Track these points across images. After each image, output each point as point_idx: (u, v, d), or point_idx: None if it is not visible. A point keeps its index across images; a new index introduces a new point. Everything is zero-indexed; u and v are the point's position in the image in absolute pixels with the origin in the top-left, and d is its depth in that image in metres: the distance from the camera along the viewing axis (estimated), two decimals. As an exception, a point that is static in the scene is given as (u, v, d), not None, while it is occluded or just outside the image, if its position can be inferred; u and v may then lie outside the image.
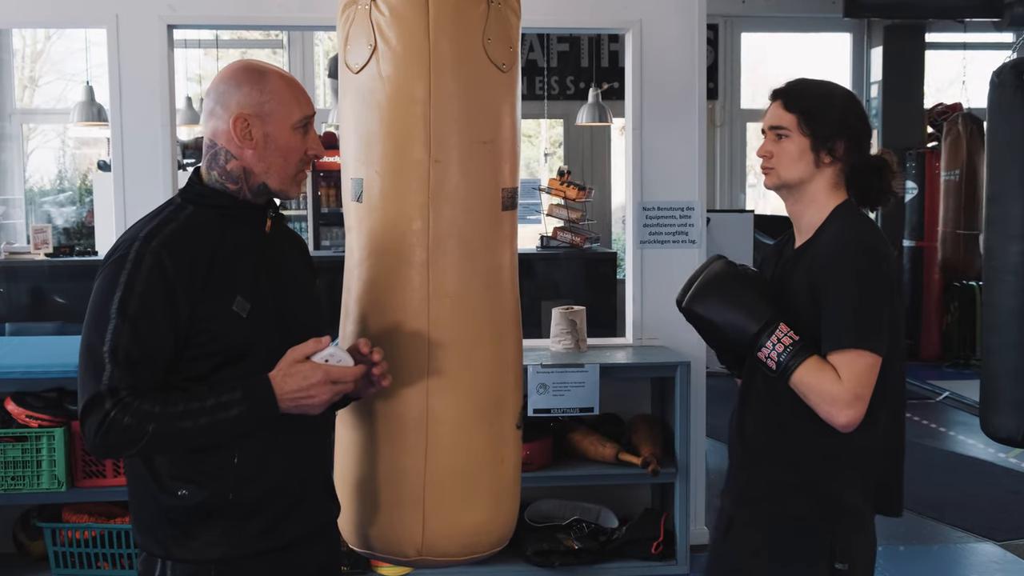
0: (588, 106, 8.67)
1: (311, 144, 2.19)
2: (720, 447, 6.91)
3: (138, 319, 1.99)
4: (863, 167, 2.40)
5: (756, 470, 2.45)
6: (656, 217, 4.96)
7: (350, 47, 2.48)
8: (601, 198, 10.17)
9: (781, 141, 2.40)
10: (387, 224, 2.45)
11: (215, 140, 2.15)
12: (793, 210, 2.46)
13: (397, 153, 2.42)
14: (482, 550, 2.56)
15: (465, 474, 2.49)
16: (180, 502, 2.09)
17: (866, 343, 2.23)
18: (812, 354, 2.25)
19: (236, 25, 6.15)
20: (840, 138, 2.37)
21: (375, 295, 2.46)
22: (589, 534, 4.73)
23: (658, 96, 4.93)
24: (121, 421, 1.95)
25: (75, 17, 4.86)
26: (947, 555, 5.00)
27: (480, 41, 2.44)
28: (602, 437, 4.69)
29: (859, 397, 2.21)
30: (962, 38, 10.15)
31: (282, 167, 2.16)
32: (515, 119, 2.58)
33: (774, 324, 2.28)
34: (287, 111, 2.14)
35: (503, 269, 2.56)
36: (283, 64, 10.72)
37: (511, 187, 2.55)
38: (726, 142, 10.68)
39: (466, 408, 2.48)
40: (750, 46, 11.00)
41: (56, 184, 11.09)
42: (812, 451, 2.35)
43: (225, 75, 2.17)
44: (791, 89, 2.43)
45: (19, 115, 10.25)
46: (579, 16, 4.88)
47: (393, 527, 2.48)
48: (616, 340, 5.17)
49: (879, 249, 2.31)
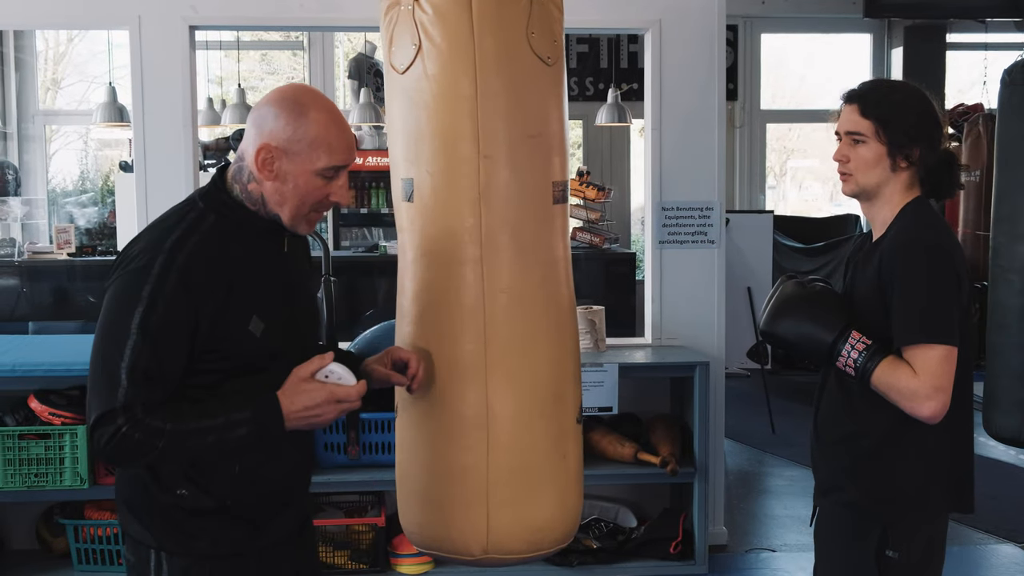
0: (607, 107, 8.67)
1: (336, 191, 2.14)
2: (739, 447, 6.91)
3: (159, 338, 1.98)
4: (935, 165, 2.44)
5: (826, 464, 2.55)
6: (675, 217, 4.96)
7: (394, 48, 2.48)
8: (620, 199, 10.17)
9: (857, 146, 2.43)
10: (439, 222, 2.45)
11: (244, 158, 2.12)
12: (869, 211, 2.51)
13: (446, 151, 2.43)
14: (547, 547, 2.56)
15: (528, 470, 2.49)
16: (178, 501, 2.11)
17: (936, 335, 2.28)
18: (887, 355, 2.31)
19: (257, 26, 6.18)
20: (916, 144, 2.40)
21: (430, 294, 2.47)
22: (608, 533, 4.74)
23: (677, 97, 4.93)
24: (132, 437, 1.96)
25: (98, 18, 4.90)
26: (968, 556, 4.99)
27: (524, 35, 2.45)
28: (621, 437, 4.69)
29: (938, 388, 2.26)
30: (983, 38, 10.11)
31: (296, 207, 2.11)
32: (562, 112, 2.58)
33: (847, 332, 2.36)
34: (313, 156, 2.08)
35: (557, 263, 2.56)
36: (303, 65, 10.77)
37: (561, 180, 2.55)
38: (745, 143, 10.66)
39: (526, 404, 2.48)
40: (770, 47, 10.98)
41: (78, 185, 11.17)
42: (872, 442, 2.41)
43: (272, 98, 2.12)
44: (867, 93, 2.45)
45: (42, 116, 10.32)
46: (598, 16, 4.89)
47: (457, 526, 2.48)
48: (635, 340, 5.17)
49: (943, 244, 2.35)
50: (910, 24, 10.24)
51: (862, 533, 2.42)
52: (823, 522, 2.57)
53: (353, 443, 4.50)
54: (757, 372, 7.61)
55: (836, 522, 2.51)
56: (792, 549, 5.03)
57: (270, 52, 13.04)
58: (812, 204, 14.98)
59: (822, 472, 2.58)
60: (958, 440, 2.45)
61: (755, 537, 5.24)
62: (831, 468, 2.52)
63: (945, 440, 2.39)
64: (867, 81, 2.53)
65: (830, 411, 2.53)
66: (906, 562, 2.39)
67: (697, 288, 5.01)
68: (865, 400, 2.39)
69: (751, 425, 7.31)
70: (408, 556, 4.51)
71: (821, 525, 2.57)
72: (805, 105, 12.56)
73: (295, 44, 11.01)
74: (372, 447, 4.53)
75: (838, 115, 2.50)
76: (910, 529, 2.40)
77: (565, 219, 2.62)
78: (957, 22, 10.15)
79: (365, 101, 8.05)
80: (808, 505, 2.64)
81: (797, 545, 5.06)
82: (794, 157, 15.19)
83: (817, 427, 2.58)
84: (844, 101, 2.47)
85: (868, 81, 2.53)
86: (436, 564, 4.52)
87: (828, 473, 2.54)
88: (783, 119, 12.36)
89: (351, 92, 9.27)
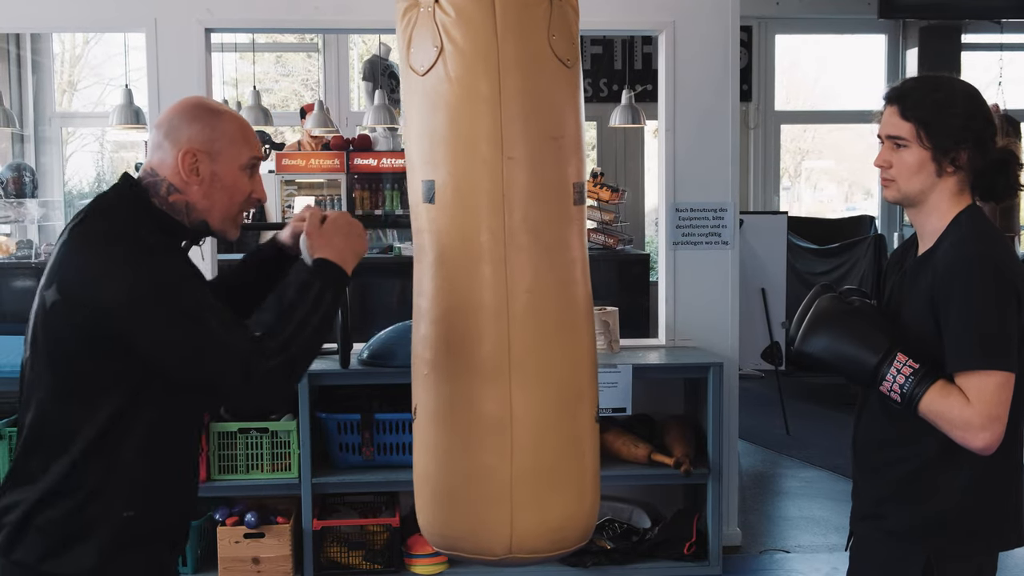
0: (621, 108, 8.67)
1: (256, 187, 2.23)
2: (753, 448, 6.90)
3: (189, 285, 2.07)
4: (988, 167, 2.26)
5: (866, 488, 2.41)
6: (689, 218, 4.96)
7: (414, 50, 2.48)
8: (634, 200, 10.16)
9: (899, 151, 2.26)
10: (462, 223, 2.45)
11: (157, 171, 2.15)
12: (915, 219, 2.32)
13: (469, 152, 2.43)
14: (569, 544, 2.57)
15: (551, 470, 2.50)
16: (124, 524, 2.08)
17: (993, 362, 2.10)
18: (937, 379, 2.14)
19: (272, 28, 6.20)
20: (963, 146, 2.22)
21: (453, 295, 2.48)
22: (622, 534, 4.74)
23: (691, 98, 4.94)
24: (277, 362, 2.03)
25: (114, 21, 4.93)
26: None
27: (546, 38, 2.46)
28: (635, 437, 4.70)
29: (993, 418, 2.10)
30: (999, 39, 10.07)
31: (226, 206, 2.18)
32: (580, 114, 2.60)
33: (892, 355, 2.18)
34: (237, 151, 2.17)
35: (576, 263, 2.58)
36: (318, 67, 10.80)
37: (579, 181, 2.57)
38: (759, 144, 10.64)
39: (549, 403, 2.49)
40: (784, 48, 10.95)
41: (95, 187, 11.23)
42: (916, 468, 2.27)
43: (177, 110, 2.18)
44: (908, 93, 2.27)
45: (58, 119, 10.38)
46: (612, 17, 4.89)
47: (481, 527, 2.49)
48: (649, 341, 5.18)
49: (1000, 260, 2.17)
50: (925, 25, 10.21)
51: (903, 565, 2.27)
52: (860, 549, 2.43)
53: (367, 444, 4.52)
54: (771, 373, 7.60)
55: (875, 550, 2.36)
56: (806, 550, 5.02)
57: (285, 54, 13.10)
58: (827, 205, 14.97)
59: (861, 496, 2.42)
60: (1011, 469, 2.27)
61: (769, 538, 5.23)
62: (871, 493, 2.37)
63: (996, 469, 2.23)
64: (910, 78, 2.34)
65: (871, 433, 2.38)
66: None
67: (711, 289, 5.01)
68: (910, 424, 2.22)
69: (765, 426, 7.30)
70: (422, 556, 4.52)
71: (857, 552, 2.43)
72: (819, 106, 12.57)
73: (310, 46, 11.05)
74: (386, 448, 4.54)
75: (880, 116, 2.32)
76: (955, 563, 2.25)
77: (583, 220, 2.64)
78: (972, 23, 10.11)
79: (379, 103, 8.06)
80: (823, 507, 2.62)
81: (811, 546, 5.05)
82: (809, 158, 15.18)
83: (856, 449, 2.43)
84: (885, 102, 2.30)
85: (911, 78, 2.34)
86: (451, 564, 4.53)
87: (867, 498, 2.39)
88: (797, 120, 12.35)
89: (365, 94, 9.30)
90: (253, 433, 4.47)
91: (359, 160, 9.01)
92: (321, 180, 9.29)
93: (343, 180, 9.06)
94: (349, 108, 10.31)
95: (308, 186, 9.37)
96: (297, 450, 4.44)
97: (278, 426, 4.48)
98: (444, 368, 2.47)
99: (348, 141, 9.10)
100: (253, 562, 4.41)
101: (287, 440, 4.47)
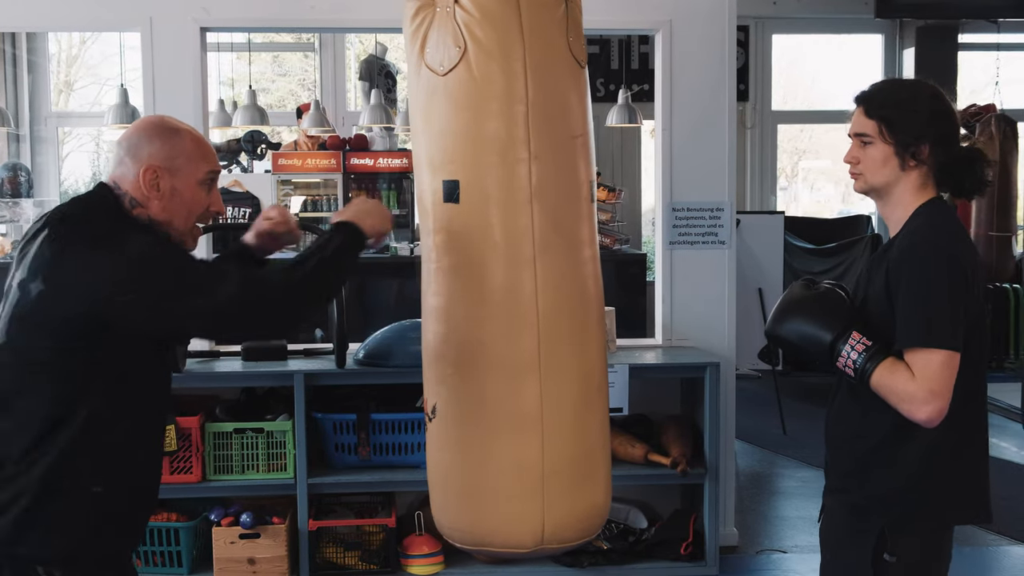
0: (618, 108, 8.67)
1: (214, 201, 2.34)
2: (750, 448, 6.90)
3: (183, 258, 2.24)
4: (953, 163, 2.42)
5: (833, 464, 2.56)
6: (686, 218, 4.96)
7: (430, 49, 2.48)
8: (631, 200, 10.16)
9: (866, 147, 2.44)
10: (490, 223, 2.47)
11: (119, 185, 2.26)
12: (883, 211, 2.51)
13: (497, 152, 2.45)
14: (593, 532, 2.64)
15: (580, 461, 2.55)
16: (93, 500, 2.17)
17: (937, 340, 2.26)
18: (887, 356, 2.30)
19: (268, 28, 6.19)
20: (924, 142, 2.39)
21: (481, 295, 2.49)
22: (618, 534, 4.74)
23: (688, 98, 4.93)
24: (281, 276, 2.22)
25: (110, 21, 4.92)
26: (980, 558, 4.97)
27: (565, 39, 2.52)
28: (631, 437, 4.69)
29: (935, 393, 2.24)
30: (995, 39, 10.07)
31: (184, 219, 2.29)
32: (590, 113, 2.67)
33: (846, 333, 2.35)
34: (195, 167, 2.28)
35: (593, 258, 2.65)
36: (314, 67, 10.79)
37: (590, 179, 2.63)
38: (756, 144, 10.64)
39: (575, 396, 2.54)
40: (781, 47, 10.96)
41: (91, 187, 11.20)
42: (874, 443, 2.41)
43: (139, 128, 2.30)
44: (873, 95, 2.46)
45: (54, 118, 10.37)
46: (609, 17, 4.89)
47: (513, 520, 2.52)
48: (645, 341, 5.17)
49: (950, 247, 2.34)
50: (922, 24, 10.21)
51: (862, 534, 2.42)
52: (828, 521, 2.59)
53: (364, 444, 4.51)
54: (768, 373, 7.59)
55: (839, 522, 2.53)
56: (803, 550, 5.02)
57: (281, 54, 13.09)
58: (824, 205, 14.97)
59: (830, 472, 2.59)
60: (967, 444, 2.41)
61: (766, 538, 5.23)
62: (837, 468, 2.54)
63: (950, 443, 2.36)
64: (877, 82, 2.54)
65: (838, 412, 2.54)
66: (904, 566, 2.37)
67: (708, 289, 5.01)
68: (870, 402, 2.37)
69: (762, 426, 7.30)
70: (419, 557, 4.51)
71: (826, 524, 2.59)
72: (817, 106, 12.55)
73: (306, 46, 11.04)
74: (382, 448, 4.53)
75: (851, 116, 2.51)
76: (909, 533, 2.39)
77: (594, 217, 2.70)
78: (969, 22, 10.11)
79: (376, 103, 8.06)
80: (819, 506, 2.64)
81: (808, 546, 5.04)
82: (806, 158, 15.18)
83: (827, 426, 2.59)
84: (855, 103, 2.48)
85: (878, 82, 2.54)
86: (447, 565, 4.53)
87: (834, 473, 2.55)
88: (795, 120, 12.35)
89: (362, 94, 9.29)
90: (249, 433, 4.46)
91: (355, 160, 9.03)
92: (317, 180, 9.29)
93: (339, 180, 9.07)
94: (345, 108, 10.31)
95: (304, 186, 9.37)
96: (293, 450, 4.43)
97: (274, 426, 4.47)
98: (472, 367, 2.49)
99: (344, 141, 9.10)
100: (249, 563, 4.40)
101: (283, 440, 4.47)
